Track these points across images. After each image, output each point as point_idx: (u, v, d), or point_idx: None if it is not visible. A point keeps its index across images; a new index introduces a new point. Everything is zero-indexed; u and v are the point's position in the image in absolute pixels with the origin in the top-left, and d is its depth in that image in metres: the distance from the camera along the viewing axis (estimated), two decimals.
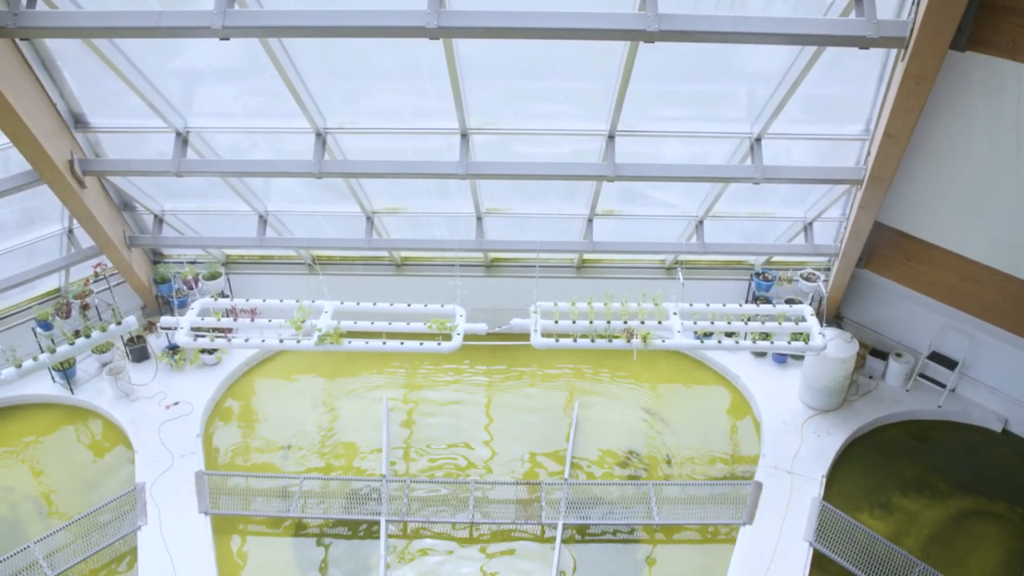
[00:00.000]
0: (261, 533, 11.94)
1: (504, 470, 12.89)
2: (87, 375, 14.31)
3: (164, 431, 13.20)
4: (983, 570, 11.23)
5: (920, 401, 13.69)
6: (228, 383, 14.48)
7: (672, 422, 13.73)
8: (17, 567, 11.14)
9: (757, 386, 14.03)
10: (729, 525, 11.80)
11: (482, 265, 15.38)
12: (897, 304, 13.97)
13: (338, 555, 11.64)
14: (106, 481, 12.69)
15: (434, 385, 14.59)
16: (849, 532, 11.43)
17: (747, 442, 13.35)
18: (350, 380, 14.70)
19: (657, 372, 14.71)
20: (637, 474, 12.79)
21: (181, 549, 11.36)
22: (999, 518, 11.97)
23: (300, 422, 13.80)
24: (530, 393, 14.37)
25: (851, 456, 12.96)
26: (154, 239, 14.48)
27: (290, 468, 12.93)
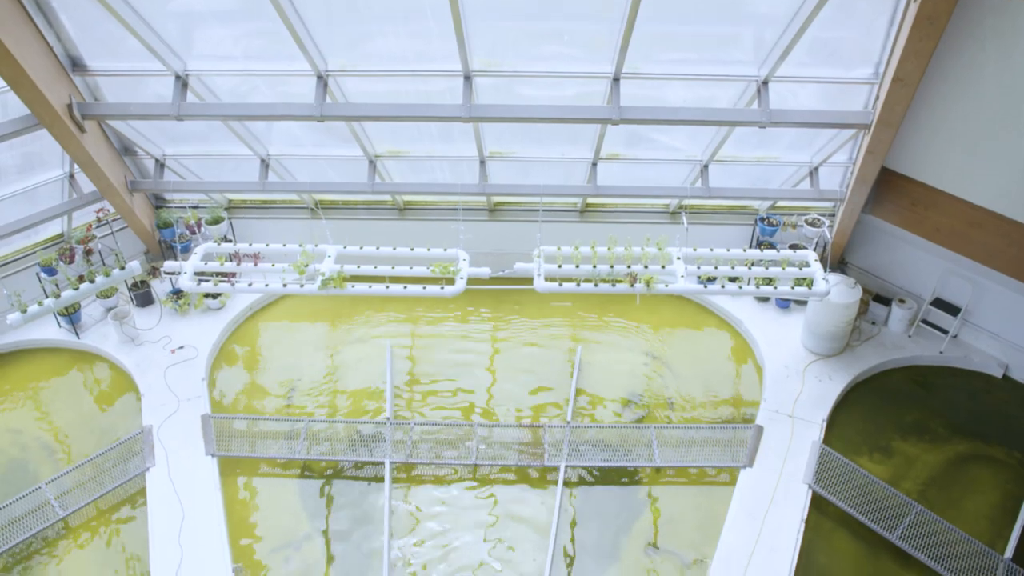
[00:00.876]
0: (267, 475, 12.12)
1: (507, 413, 13.01)
2: (92, 320, 14.38)
3: (170, 375, 13.31)
4: (979, 512, 11.39)
5: (922, 347, 13.74)
6: (232, 327, 14.56)
7: (674, 366, 13.81)
8: (29, 507, 11.36)
9: (760, 331, 14.08)
10: (730, 468, 11.94)
11: (485, 209, 15.33)
12: (901, 250, 13.94)
13: (343, 496, 11.82)
14: (113, 424, 12.85)
15: (437, 329, 14.65)
16: (848, 475, 11.57)
17: (749, 386, 13.45)
18: (354, 324, 14.76)
19: (660, 317, 14.75)
20: (639, 417, 12.91)
21: (189, 490, 11.55)
22: (996, 462, 12.09)
23: (304, 366, 13.90)
24: (533, 337, 14.43)
25: (852, 401, 13.06)
26: (156, 184, 14.41)
27: (295, 411, 13.07)
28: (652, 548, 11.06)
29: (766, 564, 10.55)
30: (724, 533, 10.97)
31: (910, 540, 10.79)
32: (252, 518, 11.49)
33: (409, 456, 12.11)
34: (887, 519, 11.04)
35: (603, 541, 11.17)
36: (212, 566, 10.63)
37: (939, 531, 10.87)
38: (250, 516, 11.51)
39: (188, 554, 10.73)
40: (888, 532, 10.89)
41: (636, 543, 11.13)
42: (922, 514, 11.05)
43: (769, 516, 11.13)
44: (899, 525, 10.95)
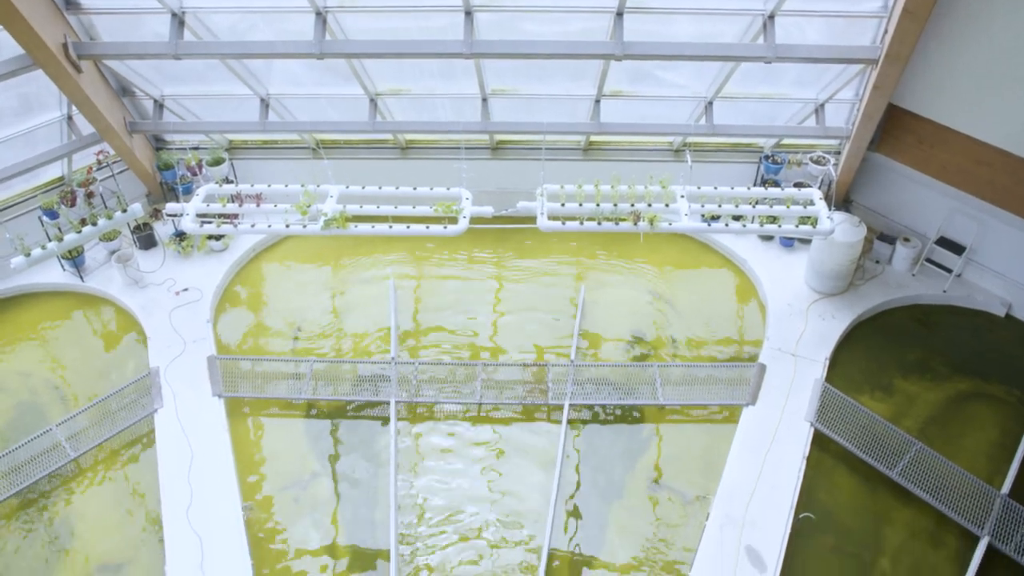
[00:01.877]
0: (273, 415, 12.25)
1: (511, 352, 13.09)
2: (96, 263, 14.39)
3: (175, 317, 13.37)
4: (978, 449, 11.51)
5: (925, 286, 13.73)
6: (236, 269, 14.56)
7: (678, 305, 13.84)
8: (41, 448, 11.52)
9: (763, 270, 14.06)
10: (732, 406, 12.04)
11: (488, 148, 15.19)
12: (907, 188, 13.83)
13: (349, 435, 11.97)
14: (120, 366, 12.95)
15: (441, 269, 14.66)
16: (849, 413, 11.66)
17: (752, 325, 13.48)
18: (357, 264, 14.76)
19: (663, 255, 14.72)
20: (643, 356, 12.98)
21: (197, 431, 11.70)
22: (996, 400, 12.17)
23: (309, 306, 13.94)
24: (536, 277, 14.43)
25: (854, 339, 13.10)
26: (155, 125, 14.28)
27: (300, 351, 13.15)
28: (655, 485, 11.21)
29: (767, 500, 10.71)
30: (726, 470, 11.11)
31: (909, 477, 10.93)
32: (260, 458, 11.65)
33: (414, 395, 12.21)
34: (887, 456, 11.16)
35: (607, 478, 11.33)
36: (222, 505, 10.82)
37: (938, 468, 10.99)
38: (258, 456, 11.67)
39: (198, 493, 10.91)
40: (888, 469, 11.02)
41: (639, 480, 11.28)
42: (922, 451, 11.17)
43: (771, 453, 11.26)
44: (899, 462, 11.08)
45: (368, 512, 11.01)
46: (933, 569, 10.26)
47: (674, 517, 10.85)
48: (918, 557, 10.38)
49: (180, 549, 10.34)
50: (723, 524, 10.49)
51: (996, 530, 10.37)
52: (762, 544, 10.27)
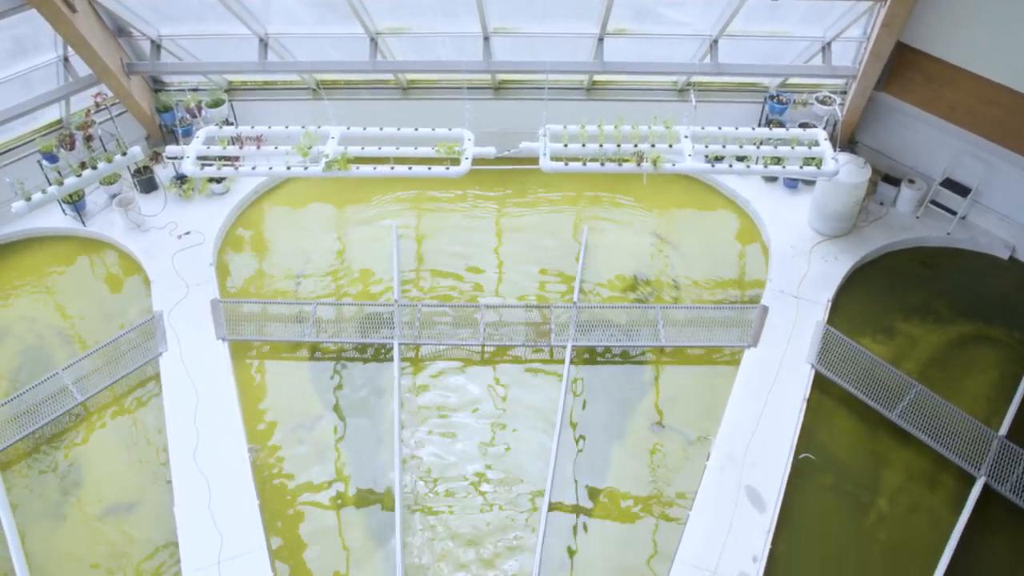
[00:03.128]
0: (277, 358, 12.33)
1: (514, 294, 13.11)
2: (97, 207, 14.33)
3: (177, 260, 13.36)
4: (977, 392, 11.58)
5: (929, 228, 13.66)
6: (238, 212, 14.51)
7: (681, 246, 13.80)
8: (48, 392, 11.62)
9: (767, 211, 13.98)
10: (734, 348, 12.10)
11: (490, 88, 14.99)
12: (913, 129, 13.68)
13: (352, 378, 12.06)
14: (124, 310, 12.99)
15: (443, 211, 14.60)
16: (851, 355, 11.71)
17: (755, 267, 13.46)
18: (359, 206, 14.69)
19: (667, 197, 14.64)
20: (645, 297, 12.99)
21: (202, 374, 11.78)
22: (997, 342, 12.21)
23: (311, 249, 13.93)
24: (539, 218, 14.38)
25: (857, 281, 13.10)
26: (152, 66, 14.09)
27: (303, 294, 13.17)
28: (657, 426, 11.33)
29: (768, 442, 10.82)
30: (727, 411, 11.21)
31: (909, 418, 11.02)
32: (264, 400, 11.76)
33: (417, 337, 12.27)
34: (887, 398, 11.24)
35: (609, 419, 11.44)
36: (228, 447, 10.95)
37: (937, 409, 11.08)
38: (262, 398, 11.78)
39: (204, 436, 11.04)
40: (888, 411, 11.11)
41: (641, 421, 11.40)
42: (922, 393, 11.24)
43: (772, 395, 11.34)
44: (899, 404, 11.16)
45: (373, 452, 11.15)
46: (930, 509, 10.42)
47: (675, 457, 10.99)
48: (915, 497, 10.53)
49: (188, 490, 10.50)
50: (724, 464, 10.63)
51: (993, 471, 10.50)
52: (762, 484, 10.42)
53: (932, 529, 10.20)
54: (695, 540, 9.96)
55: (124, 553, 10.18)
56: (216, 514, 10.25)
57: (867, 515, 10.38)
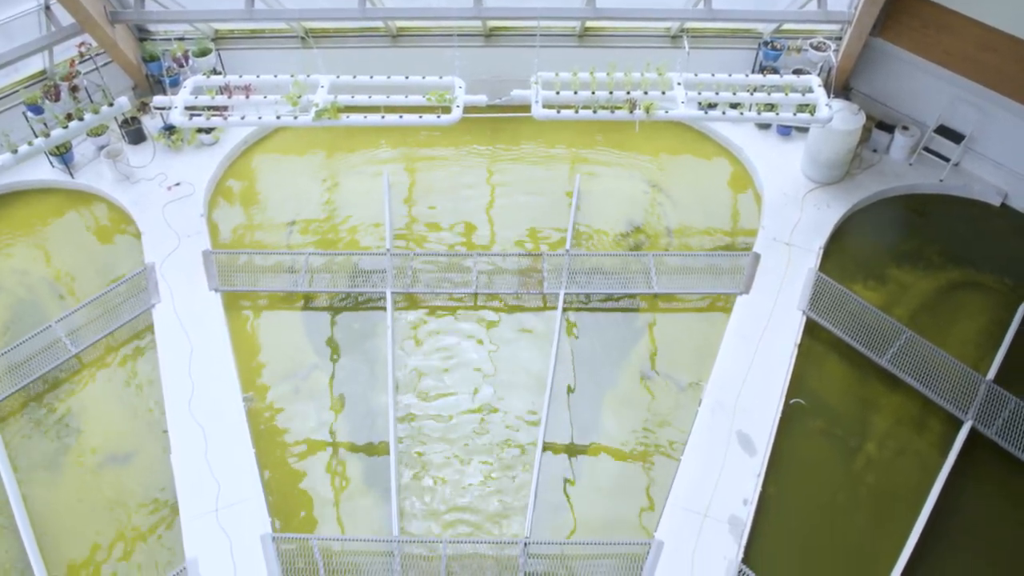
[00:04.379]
0: (271, 308, 12.34)
1: (506, 242, 13.11)
2: (85, 159, 14.19)
3: (168, 212, 13.29)
4: (966, 337, 11.68)
5: (922, 175, 13.65)
6: (228, 162, 14.38)
7: (673, 194, 13.78)
8: (41, 345, 11.63)
9: (760, 158, 13.94)
10: (726, 295, 12.15)
11: (481, 35, 14.79)
12: (908, 75, 13.58)
13: (346, 327, 12.10)
14: (116, 262, 12.93)
15: (435, 159, 14.51)
16: (842, 301, 11.78)
17: (747, 214, 13.46)
18: (350, 156, 14.59)
19: (659, 144, 14.56)
20: (638, 245, 13.00)
21: (195, 325, 11.79)
22: (987, 289, 12.28)
23: (302, 199, 13.86)
24: (531, 166, 14.31)
25: (849, 229, 13.11)
26: (137, 14, 13.87)
27: (295, 244, 13.14)
28: (649, 372, 11.42)
29: (759, 387, 10.93)
30: (719, 358, 11.30)
31: (898, 364, 11.12)
32: (258, 350, 11.80)
33: (410, 286, 12.28)
34: (878, 344, 11.33)
35: (601, 366, 11.52)
36: (222, 396, 11.01)
37: (927, 355, 11.18)
38: (256, 348, 11.82)
39: (199, 386, 11.09)
40: (878, 356, 11.21)
41: (633, 368, 11.48)
42: (912, 339, 11.33)
43: (763, 341, 11.42)
44: (889, 349, 11.26)
45: (367, 400, 11.23)
46: (917, 452, 10.57)
47: (667, 403, 11.10)
48: (903, 441, 10.68)
49: (184, 439, 10.58)
50: (715, 410, 10.74)
51: (980, 414, 10.63)
52: (753, 429, 10.55)
53: (919, 472, 10.35)
54: (687, 484, 10.10)
55: (122, 502, 10.28)
56: (212, 462, 10.34)
57: (856, 459, 10.53)
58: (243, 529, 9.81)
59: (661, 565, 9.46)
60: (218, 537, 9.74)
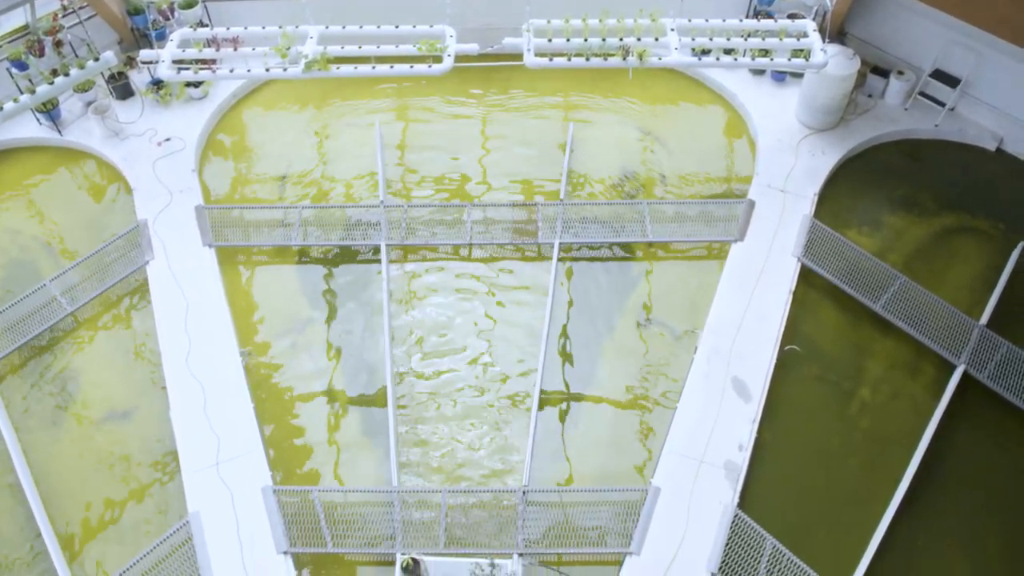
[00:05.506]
0: (265, 262, 12.31)
1: (501, 192, 13.05)
2: (72, 115, 14.02)
3: (159, 168, 13.17)
4: (960, 282, 11.72)
5: (917, 120, 13.57)
6: (218, 116, 14.24)
7: (667, 142, 13.69)
8: (36, 304, 11.60)
9: (754, 105, 13.84)
10: (721, 242, 12.14)
11: None
12: (904, 19, 13.44)
13: (341, 280, 12.09)
14: (108, 219, 12.86)
15: (427, 109, 14.37)
16: (836, 248, 11.79)
17: (742, 161, 13.40)
18: (341, 108, 14.45)
19: (653, 91, 14.44)
20: (632, 193, 12.95)
21: (190, 281, 11.77)
22: (981, 234, 12.29)
23: (294, 152, 13.75)
24: (524, 116, 14.19)
25: (844, 175, 13.08)
26: None
27: (288, 198, 13.07)
28: (644, 320, 11.46)
29: (753, 334, 10.98)
30: (714, 305, 11.34)
31: (892, 309, 11.18)
32: (254, 305, 11.81)
33: (404, 238, 12.25)
34: (872, 290, 11.37)
35: (596, 315, 11.56)
36: (220, 351, 11.03)
37: (920, 300, 11.24)
38: (252, 303, 11.83)
39: (196, 341, 11.10)
40: (872, 302, 11.26)
41: (629, 316, 11.52)
42: (905, 284, 11.38)
43: (758, 288, 11.45)
44: (883, 295, 11.30)
45: (364, 353, 11.27)
46: (911, 396, 10.67)
47: (663, 351, 11.16)
48: (897, 386, 10.78)
49: (183, 395, 10.62)
50: (710, 357, 10.81)
51: (972, 359, 10.71)
52: (748, 375, 10.62)
53: (912, 416, 10.46)
54: (683, 430, 10.20)
55: (124, 458, 10.36)
56: (212, 417, 10.40)
57: (850, 404, 10.64)
58: (244, 482, 9.91)
59: (658, 511, 9.60)
60: (219, 491, 9.84)
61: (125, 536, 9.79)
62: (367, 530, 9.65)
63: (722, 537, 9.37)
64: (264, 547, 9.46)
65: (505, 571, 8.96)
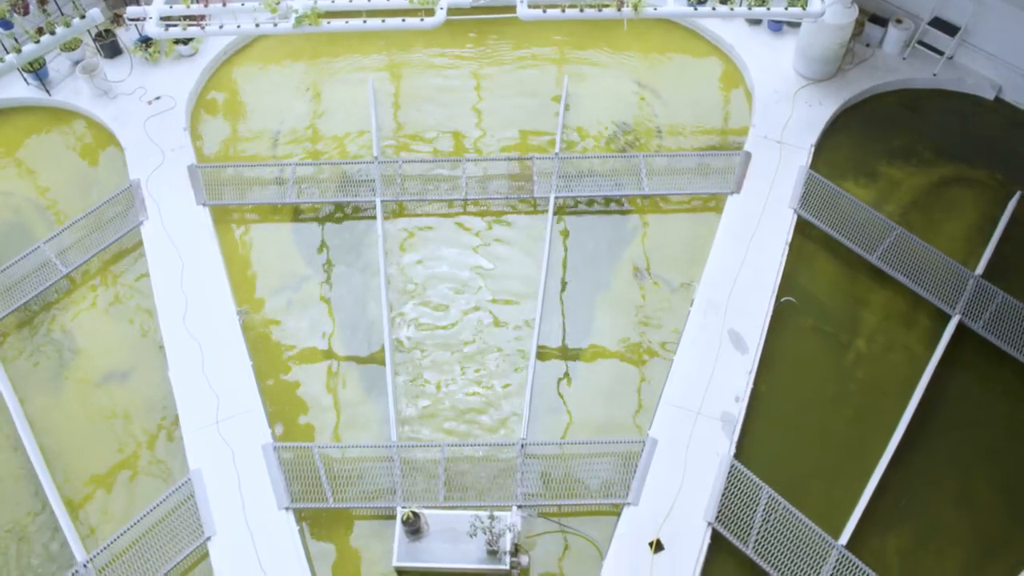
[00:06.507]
0: (260, 220, 12.27)
1: (495, 146, 12.97)
2: (60, 75, 13.84)
3: (150, 127, 13.05)
4: (956, 233, 11.71)
5: (915, 69, 13.44)
6: (208, 74, 14.06)
7: (663, 94, 13.58)
8: (31, 267, 11.58)
9: (750, 55, 13.69)
10: (717, 194, 12.10)
11: None
12: None
13: (336, 237, 12.06)
14: (100, 180, 12.77)
15: (420, 64, 14.21)
16: (833, 199, 11.75)
17: (738, 113, 13.30)
18: (333, 63, 14.27)
19: (648, 43, 14.27)
20: (628, 146, 12.88)
21: (185, 240, 11.73)
22: (978, 184, 12.24)
23: (286, 109, 13.62)
24: (518, 69, 14.04)
25: (841, 125, 12.99)
26: None
27: (281, 155, 12.97)
28: (641, 274, 11.46)
29: (750, 286, 10.99)
30: (710, 257, 11.33)
31: (888, 260, 11.18)
32: (250, 263, 11.79)
33: (399, 194, 12.20)
34: (868, 241, 11.37)
35: (593, 269, 11.57)
36: (217, 310, 11.05)
37: (916, 251, 11.23)
38: (247, 261, 11.81)
39: (192, 300, 11.10)
40: (868, 253, 11.26)
41: (625, 270, 11.53)
42: (902, 235, 11.36)
43: (754, 240, 11.44)
44: (879, 246, 11.30)
45: (360, 309, 11.30)
46: (906, 347, 10.73)
47: (659, 304, 11.18)
48: (892, 336, 10.83)
49: (181, 354, 10.66)
50: (707, 309, 10.83)
51: (967, 309, 10.75)
52: (744, 327, 10.66)
53: (907, 366, 10.53)
54: (679, 382, 10.27)
55: (125, 417, 10.44)
56: (210, 376, 10.45)
57: (846, 355, 10.69)
58: (244, 440, 9.99)
59: (655, 462, 9.69)
60: (220, 448, 9.92)
61: (127, 494, 9.91)
62: (367, 485, 9.76)
63: (719, 487, 9.48)
64: (266, 503, 9.58)
65: (504, 523, 9.07)
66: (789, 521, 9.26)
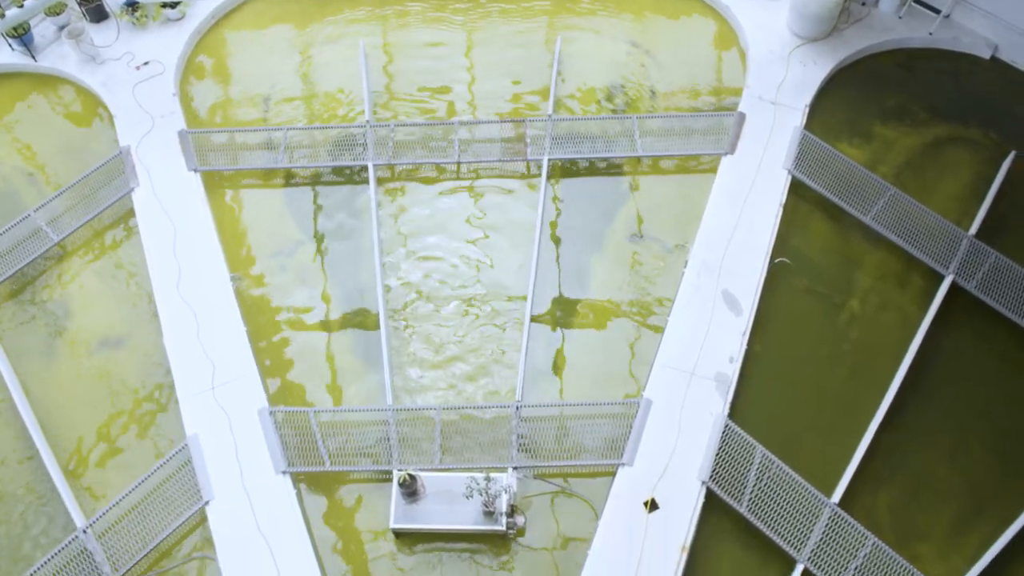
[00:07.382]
0: (252, 186, 12.19)
1: (488, 109, 12.87)
2: (46, 40, 13.65)
3: (139, 92, 12.91)
4: (950, 193, 11.69)
5: (911, 28, 13.32)
6: (197, 38, 13.87)
7: (657, 54, 13.44)
8: (22, 235, 11.51)
9: (745, 15, 13.54)
10: (711, 155, 12.04)
11: None
12: None
13: (328, 202, 12.00)
14: (90, 147, 12.65)
15: (411, 26, 14.04)
16: (827, 160, 11.71)
17: (732, 73, 13.19)
18: (323, 25, 14.09)
19: (642, 2, 14.11)
20: (621, 107, 12.79)
21: (176, 207, 11.67)
22: (973, 144, 12.20)
23: (277, 73, 13.47)
24: (510, 29, 13.89)
25: (836, 85, 12.90)
26: None
27: (272, 120, 12.86)
28: (635, 236, 11.44)
29: (744, 247, 11.00)
30: (704, 219, 11.32)
31: (882, 221, 11.18)
32: (242, 229, 11.73)
33: (392, 158, 12.11)
34: (862, 202, 11.34)
35: (587, 231, 11.54)
36: (210, 277, 11.02)
37: (910, 212, 11.23)
38: (240, 227, 11.74)
39: (185, 267, 11.08)
40: (862, 214, 11.24)
41: (619, 231, 11.51)
42: (896, 196, 11.35)
43: (748, 201, 11.41)
44: (873, 207, 11.28)
45: (354, 274, 11.28)
46: (899, 307, 10.76)
47: (654, 266, 11.18)
48: (886, 296, 10.85)
49: (175, 321, 10.65)
50: (701, 271, 10.84)
51: (960, 269, 10.77)
52: (738, 288, 10.67)
53: (901, 326, 10.57)
54: (674, 343, 10.30)
55: (121, 384, 10.45)
56: (205, 343, 10.45)
57: (839, 315, 10.72)
58: (240, 405, 10.03)
59: (650, 422, 9.75)
60: (216, 414, 9.96)
61: (125, 461, 9.96)
62: (364, 448, 9.81)
63: (713, 447, 9.55)
64: (263, 467, 9.63)
65: (500, 484, 9.13)
66: (782, 480, 9.35)
